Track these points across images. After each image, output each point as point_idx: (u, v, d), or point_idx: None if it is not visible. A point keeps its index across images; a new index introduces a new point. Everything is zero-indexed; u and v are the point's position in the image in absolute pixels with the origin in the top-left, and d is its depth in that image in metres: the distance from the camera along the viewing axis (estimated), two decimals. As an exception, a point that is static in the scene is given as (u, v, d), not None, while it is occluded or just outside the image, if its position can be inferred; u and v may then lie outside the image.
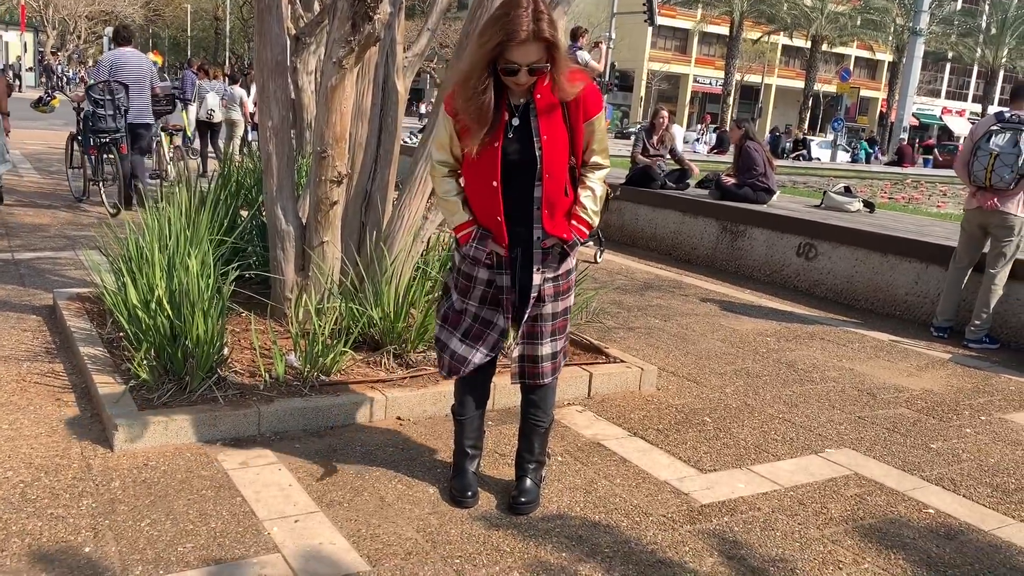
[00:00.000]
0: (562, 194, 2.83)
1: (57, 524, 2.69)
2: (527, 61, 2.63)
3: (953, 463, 3.83)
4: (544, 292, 2.89)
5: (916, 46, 33.83)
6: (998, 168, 5.64)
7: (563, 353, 3.08)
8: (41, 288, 5.44)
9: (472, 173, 2.84)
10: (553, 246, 2.86)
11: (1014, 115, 5.75)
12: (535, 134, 2.75)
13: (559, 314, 2.98)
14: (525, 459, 3.13)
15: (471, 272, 2.92)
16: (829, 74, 54.81)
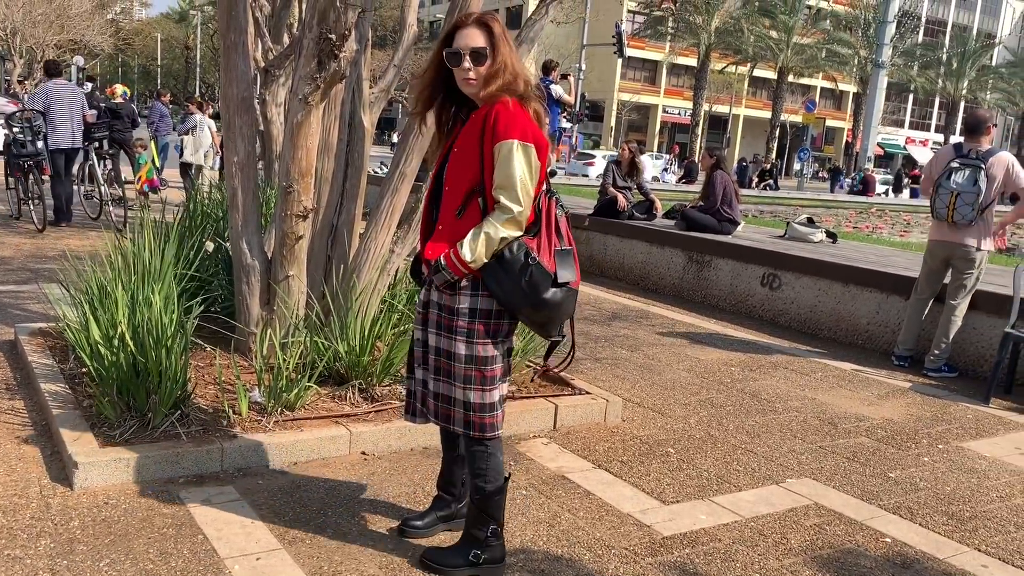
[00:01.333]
0: (454, 215, 2.65)
1: (14, 565, 2.66)
2: (468, 45, 2.61)
3: (911, 492, 3.90)
4: (428, 315, 2.76)
5: (879, 78, 34.62)
6: (959, 206, 5.78)
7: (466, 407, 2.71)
8: (2, 323, 5.38)
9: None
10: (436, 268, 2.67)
11: (971, 150, 5.91)
12: (451, 143, 2.74)
13: (443, 352, 2.72)
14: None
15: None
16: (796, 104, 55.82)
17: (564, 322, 2.78)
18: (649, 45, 56.99)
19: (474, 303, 2.67)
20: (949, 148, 6.13)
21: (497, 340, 2.72)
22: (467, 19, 2.67)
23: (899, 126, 68.61)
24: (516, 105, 2.62)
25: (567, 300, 2.70)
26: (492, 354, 2.70)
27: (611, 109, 58.59)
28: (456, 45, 2.64)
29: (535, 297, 2.62)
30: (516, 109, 2.60)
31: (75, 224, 10.04)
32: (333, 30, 3.87)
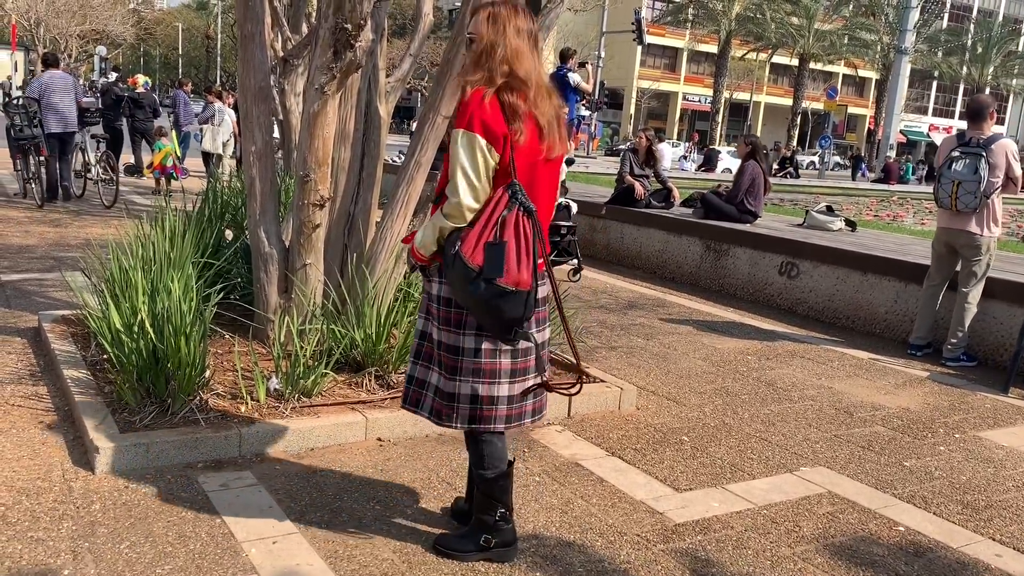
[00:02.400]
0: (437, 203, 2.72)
1: (37, 547, 2.72)
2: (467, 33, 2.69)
3: (925, 481, 3.89)
4: (430, 308, 2.78)
5: (902, 64, 34.19)
6: (962, 195, 5.79)
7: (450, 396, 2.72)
8: (27, 310, 5.47)
9: None
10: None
11: (973, 138, 5.89)
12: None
13: (441, 345, 2.73)
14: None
15: None
16: (817, 91, 55.33)
17: (511, 326, 2.60)
18: (669, 32, 56.66)
19: (440, 290, 2.71)
20: (953, 136, 6.11)
21: (464, 331, 2.67)
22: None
23: (923, 113, 67.84)
24: (480, 94, 2.55)
25: (502, 300, 2.53)
26: (465, 345, 2.67)
27: (631, 97, 58.31)
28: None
29: (460, 290, 2.58)
30: (475, 98, 2.55)
31: (95, 212, 10.16)
32: (349, 20, 3.89)
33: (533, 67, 2.64)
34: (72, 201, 10.91)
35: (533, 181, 2.64)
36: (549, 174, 2.72)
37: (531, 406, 2.83)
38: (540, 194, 2.68)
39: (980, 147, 5.81)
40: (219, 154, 13.72)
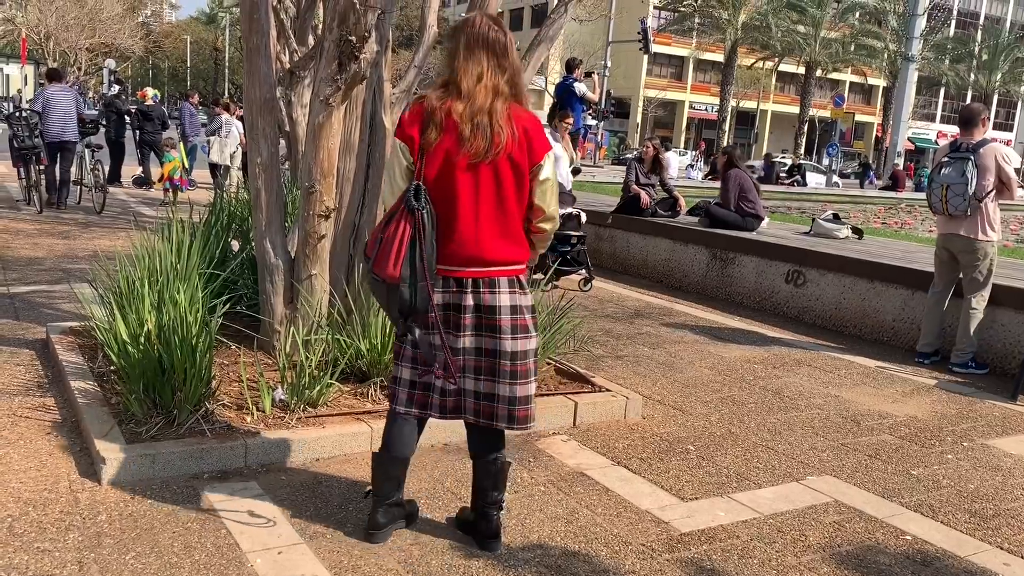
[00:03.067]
0: None
1: (44, 558, 2.74)
2: None
3: (933, 489, 3.87)
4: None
5: (909, 72, 34.13)
6: (951, 198, 5.88)
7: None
8: (35, 322, 5.50)
9: None
10: None
11: (963, 144, 5.96)
12: None
13: None
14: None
15: None
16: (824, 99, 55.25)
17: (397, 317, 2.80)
18: (675, 41, 56.72)
19: None
20: (947, 144, 6.20)
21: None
22: None
23: (930, 120, 67.66)
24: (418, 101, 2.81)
25: (385, 290, 2.76)
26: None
27: (637, 106, 58.38)
28: None
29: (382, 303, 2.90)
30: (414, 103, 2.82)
31: (103, 224, 10.22)
32: (353, 32, 3.91)
33: (477, 77, 2.72)
34: (65, 207, 11.36)
35: (451, 186, 2.74)
36: (477, 181, 2.74)
37: (438, 401, 2.89)
38: (463, 199, 2.75)
39: (969, 151, 5.88)
40: (226, 165, 13.80)
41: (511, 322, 2.80)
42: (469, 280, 2.79)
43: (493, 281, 2.79)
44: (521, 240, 2.86)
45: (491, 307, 2.79)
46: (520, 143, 2.74)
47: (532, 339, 2.87)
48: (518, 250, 2.85)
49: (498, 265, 2.80)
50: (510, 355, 2.80)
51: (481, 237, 2.77)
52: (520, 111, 2.80)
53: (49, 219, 10.31)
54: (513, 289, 2.82)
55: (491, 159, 2.72)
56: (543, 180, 2.82)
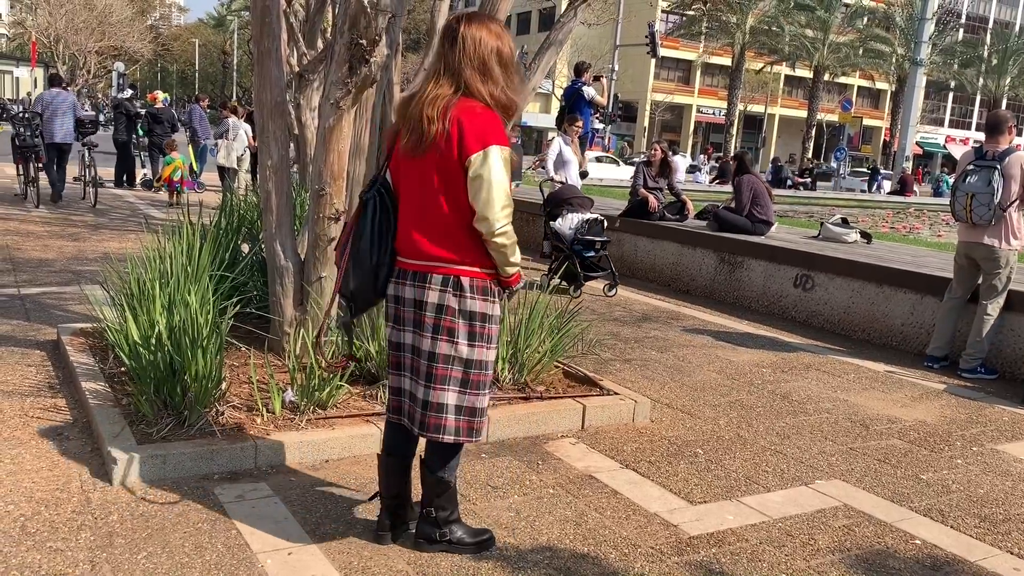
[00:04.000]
0: None
1: (56, 557, 2.75)
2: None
3: (942, 494, 3.86)
4: None
5: (917, 76, 34.09)
6: (976, 207, 5.83)
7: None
8: (46, 323, 5.53)
9: None
10: None
11: (989, 151, 5.92)
12: None
13: None
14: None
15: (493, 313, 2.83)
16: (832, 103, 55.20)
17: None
18: (683, 45, 56.73)
19: None
20: (971, 151, 6.14)
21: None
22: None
23: (939, 124, 67.49)
24: None
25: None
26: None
27: (644, 110, 58.38)
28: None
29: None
30: None
31: (114, 227, 10.27)
32: (364, 35, 3.93)
33: (432, 72, 2.78)
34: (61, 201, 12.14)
35: (398, 178, 2.86)
36: (419, 175, 2.75)
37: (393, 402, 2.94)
38: (403, 192, 2.84)
39: (995, 160, 5.83)
40: (234, 168, 13.86)
41: (433, 321, 2.74)
42: (409, 272, 2.79)
43: (425, 276, 2.74)
44: (464, 241, 2.72)
45: (419, 301, 2.76)
46: (450, 136, 2.64)
47: (460, 346, 2.74)
48: (458, 250, 2.72)
49: (432, 261, 2.73)
50: (427, 354, 2.76)
51: (417, 230, 2.76)
52: (466, 104, 2.67)
53: (59, 221, 10.36)
54: (446, 288, 2.71)
55: (424, 153, 2.69)
56: (473, 178, 2.64)
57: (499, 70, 2.73)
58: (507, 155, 2.69)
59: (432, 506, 2.95)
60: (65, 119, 11.98)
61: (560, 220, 8.06)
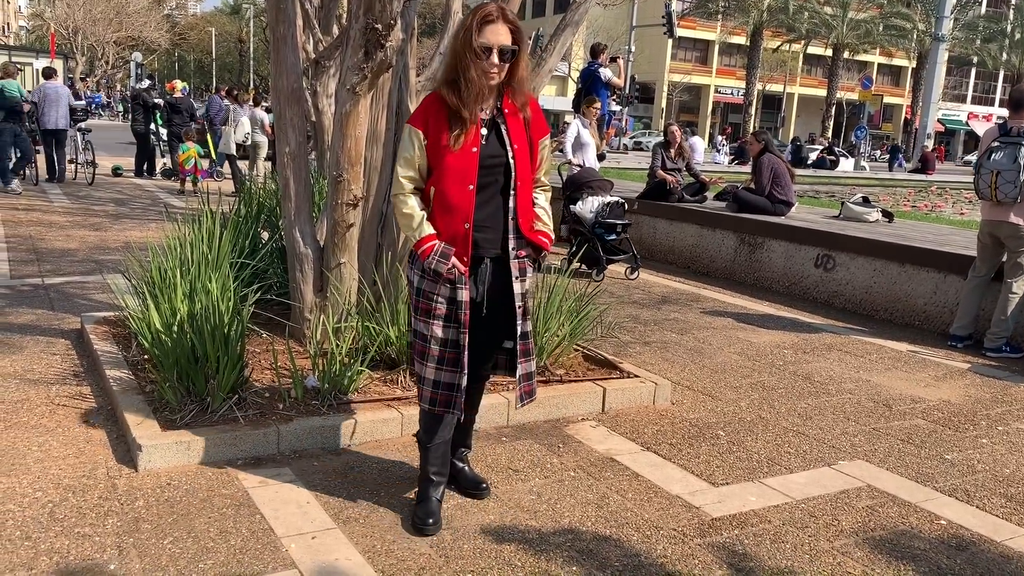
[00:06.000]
0: (530, 204, 3.01)
1: (84, 542, 2.79)
2: (499, 42, 2.76)
3: (968, 474, 3.83)
4: (525, 305, 2.97)
5: (939, 52, 33.57)
6: (1001, 185, 5.72)
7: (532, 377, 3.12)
8: (70, 312, 5.59)
9: (444, 179, 2.84)
10: (525, 257, 2.98)
11: (1014, 127, 5.82)
12: (507, 141, 2.87)
13: (529, 334, 3.04)
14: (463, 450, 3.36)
15: (432, 291, 2.89)
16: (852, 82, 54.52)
17: None
18: (700, 24, 56.21)
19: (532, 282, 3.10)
20: (995, 127, 6.03)
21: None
22: (496, 15, 2.78)
23: (961, 101, 66.52)
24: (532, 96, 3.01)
25: None
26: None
27: (662, 90, 57.96)
28: (488, 41, 2.76)
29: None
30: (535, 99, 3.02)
31: (135, 216, 10.35)
32: (379, 20, 3.92)
33: None
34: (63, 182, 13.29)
35: None
36: None
37: None
38: None
39: (1020, 136, 5.73)
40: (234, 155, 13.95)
41: None
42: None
43: None
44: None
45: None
46: None
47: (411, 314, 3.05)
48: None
49: None
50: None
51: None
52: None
53: (80, 211, 10.45)
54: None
55: None
56: None
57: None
58: (407, 132, 2.90)
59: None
60: (60, 108, 12.96)
61: (580, 203, 8.04)
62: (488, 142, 2.86)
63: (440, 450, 3.11)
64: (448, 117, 2.82)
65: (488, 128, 2.87)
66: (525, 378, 3.02)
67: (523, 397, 3.04)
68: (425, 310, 2.92)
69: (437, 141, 2.83)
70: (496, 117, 2.89)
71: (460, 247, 2.86)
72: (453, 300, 2.89)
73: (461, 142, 2.80)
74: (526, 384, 3.03)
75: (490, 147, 2.86)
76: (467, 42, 2.77)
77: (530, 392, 3.06)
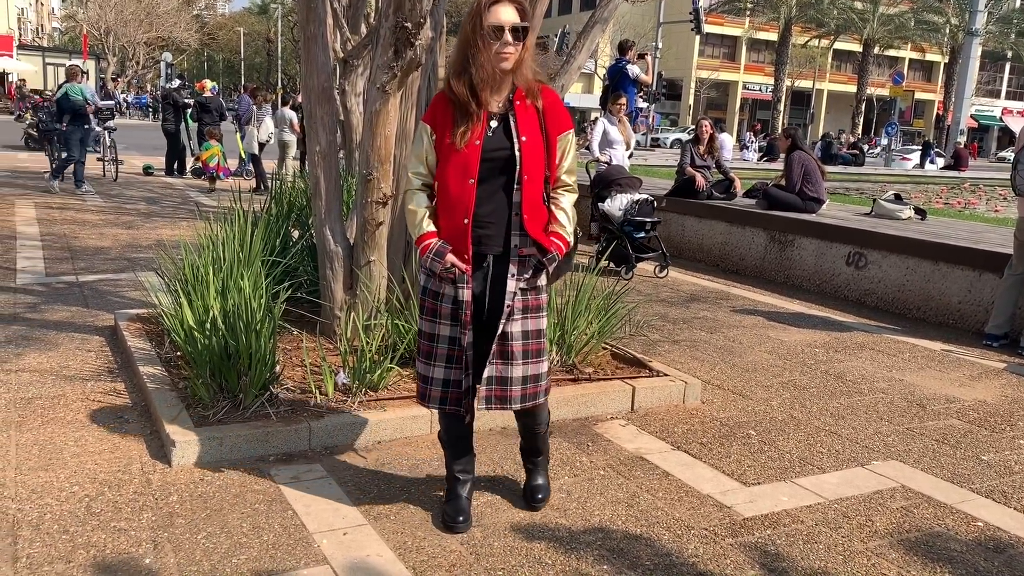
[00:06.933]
0: (540, 201, 2.85)
1: (120, 536, 2.83)
2: (509, 20, 2.69)
3: (1005, 475, 3.77)
4: (515, 305, 2.83)
5: (972, 47, 33.07)
6: None
7: (541, 377, 2.95)
8: (103, 309, 5.66)
9: (447, 173, 2.79)
10: (530, 256, 2.84)
11: None
12: (515, 134, 2.77)
13: (531, 334, 2.89)
14: (531, 456, 3.25)
15: (437, 289, 2.85)
16: (882, 77, 53.86)
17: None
18: (728, 21, 55.77)
19: (543, 279, 2.92)
20: None
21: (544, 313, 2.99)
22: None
23: (995, 96, 65.43)
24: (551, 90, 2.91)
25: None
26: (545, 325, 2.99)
27: (689, 87, 57.61)
28: (498, 20, 2.69)
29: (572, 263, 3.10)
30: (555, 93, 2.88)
31: (166, 215, 10.47)
32: (409, 18, 3.93)
33: None
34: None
35: None
36: None
37: None
38: None
39: None
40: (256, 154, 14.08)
41: None
42: None
43: None
44: None
45: None
46: None
47: None
48: None
49: None
50: None
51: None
52: None
53: (113, 210, 10.59)
54: None
55: None
56: None
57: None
58: (419, 128, 2.91)
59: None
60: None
61: (609, 201, 8.01)
62: (494, 134, 2.77)
63: (461, 447, 3.10)
64: (456, 110, 2.77)
65: (498, 121, 2.79)
66: (497, 381, 2.85)
67: (489, 400, 2.86)
68: (430, 309, 2.88)
69: (444, 135, 2.79)
70: (507, 110, 2.80)
71: (460, 243, 2.78)
72: (455, 299, 2.83)
73: (467, 135, 2.74)
74: (497, 388, 2.86)
75: (495, 139, 2.77)
76: (476, 26, 2.70)
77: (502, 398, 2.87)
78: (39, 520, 2.90)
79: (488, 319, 2.86)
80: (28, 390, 4.12)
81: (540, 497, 3.18)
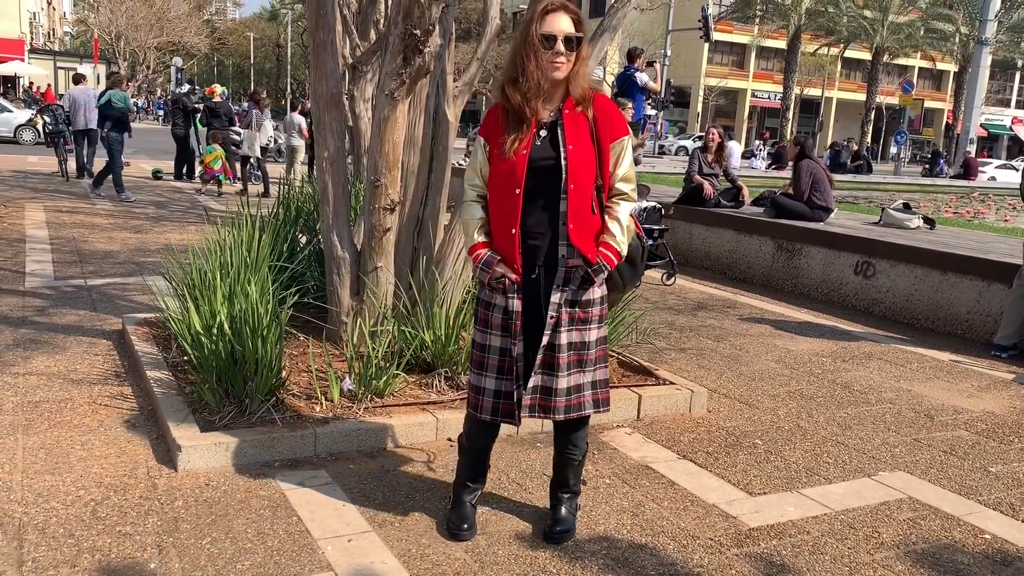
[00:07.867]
0: (589, 211, 2.77)
1: (125, 541, 2.83)
2: (563, 30, 2.68)
3: (1013, 487, 3.75)
4: (560, 316, 2.79)
5: (982, 56, 32.98)
6: None
7: (594, 386, 2.92)
8: (111, 313, 5.68)
9: (496, 184, 2.79)
10: (576, 267, 2.78)
11: None
12: (562, 143, 2.74)
13: (576, 345, 2.83)
14: (558, 489, 3.11)
15: (489, 300, 2.84)
16: (892, 86, 53.75)
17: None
18: (737, 28, 55.74)
19: (595, 291, 2.85)
20: None
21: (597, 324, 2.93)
22: (558, 5, 2.72)
23: (1005, 105, 65.21)
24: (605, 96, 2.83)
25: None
26: (598, 336, 2.91)
27: (698, 95, 57.58)
28: (551, 29, 2.69)
29: (640, 271, 3.11)
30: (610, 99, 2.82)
31: (175, 219, 10.51)
32: (417, 26, 3.94)
33: None
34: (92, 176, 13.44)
35: None
36: None
37: None
38: None
39: None
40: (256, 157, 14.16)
41: None
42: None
43: None
44: None
45: None
46: None
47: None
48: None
49: None
50: None
51: None
52: None
53: (121, 214, 10.63)
54: None
55: None
56: None
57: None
58: (477, 141, 2.91)
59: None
60: (88, 110, 13.70)
61: (614, 208, 7.99)
62: (542, 144, 2.75)
63: (478, 456, 3.10)
64: (508, 121, 2.77)
65: (547, 130, 2.77)
66: (541, 391, 2.81)
67: (533, 408, 2.83)
68: (483, 320, 2.87)
69: (496, 146, 2.79)
70: (557, 118, 2.77)
71: (509, 254, 2.78)
72: (507, 310, 2.81)
73: (516, 144, 2.73)
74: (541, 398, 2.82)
75: (542, 149, 2.75)
76: (528, 34, 2.70)
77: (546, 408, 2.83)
78: (45, 524, 2.90)
79: (540, 330, 2.83)
80: (35, 393, 4.13)
81: (559, 530, 3.02)
